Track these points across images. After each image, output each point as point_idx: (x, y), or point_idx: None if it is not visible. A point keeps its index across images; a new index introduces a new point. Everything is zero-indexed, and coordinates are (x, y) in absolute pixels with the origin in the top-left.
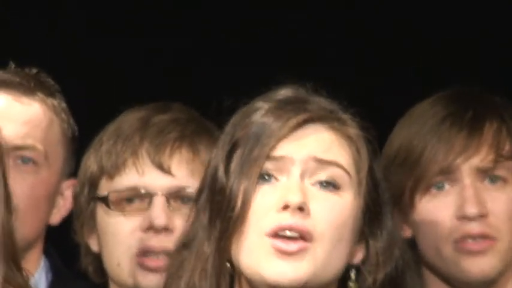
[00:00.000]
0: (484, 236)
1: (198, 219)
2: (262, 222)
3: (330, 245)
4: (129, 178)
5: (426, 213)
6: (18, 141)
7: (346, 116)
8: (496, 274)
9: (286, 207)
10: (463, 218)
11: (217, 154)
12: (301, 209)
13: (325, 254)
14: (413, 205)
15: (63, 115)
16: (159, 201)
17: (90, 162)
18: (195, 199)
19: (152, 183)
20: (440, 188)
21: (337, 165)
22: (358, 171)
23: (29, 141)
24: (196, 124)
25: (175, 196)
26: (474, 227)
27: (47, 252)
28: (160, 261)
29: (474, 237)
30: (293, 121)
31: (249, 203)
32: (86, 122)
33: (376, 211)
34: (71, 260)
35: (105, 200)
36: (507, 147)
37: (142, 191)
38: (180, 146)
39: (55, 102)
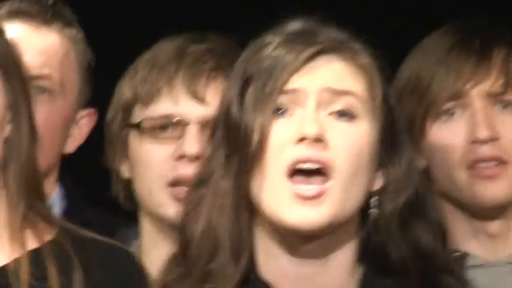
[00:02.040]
0: (496, 159)
1: (215, 156)
2: (280, 156)
3: (348, 177)
4: (164, 106)
5: (438, 140)
6: (34, 71)
7: (357, 46)
8: (509, 198)
9: (302, 139)
10: (475, 142)
11: (230, 90)
12: (318, 140)
13: (345, 189)
14: (425, 133)
15: (79, 45)
16: (192, 130)
17: (125, 90)
18: (210, 135)
19: (186, 112)
20: (451, 114)
21: (351, 94)
22: (372, 99)
23: (45, 71)
24: (232, 54)
25: (209, 125)
26: (486, 151)
27: (61, 181)
28: None
29: (486, 160)
30: (305, 54)
31: (265, 137)
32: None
33: (393, 138)
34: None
35: (138, 127)
36: None
37: (176, 119)
38: (216, 76)
39: (72, 32)
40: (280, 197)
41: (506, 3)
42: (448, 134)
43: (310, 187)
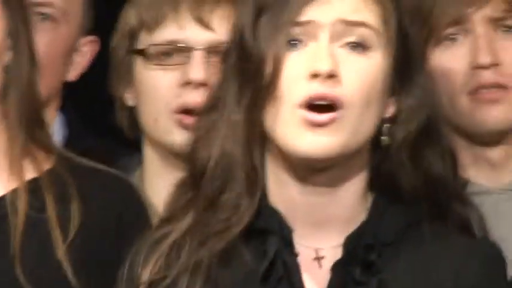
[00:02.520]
0: (497, 86)
1: (227, 84)
2: (293, 91)
3: (361, 109)
4: (169, 32)
5: (440, 66)
6: None
7: None
8: (510, 124)
9: (315, 75)
10: (477, 67)
11: (242, 19)
12: (331, 76)
13: (357, 119)
14: (427, 59)
15: None
16: (198, 56)
17: (130, 16)
18: (222, 60)
19: (192, 38)
20: (453, 40)
21: (365, 25)
22: (387, 29)
23: None
24: None
25: (215, 51)
26: (487, 76)
27: (63, 108)
28: None
29: (488, 86)
30: None
31: (279, 70)
32: None
33: (407, 67)
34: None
35: (143, 53)
36: None
37: (182, 45)
38: (220, 1)
39: None
40: (293, 127)
41: None
42: (450, 60)
43: (322, 115)
